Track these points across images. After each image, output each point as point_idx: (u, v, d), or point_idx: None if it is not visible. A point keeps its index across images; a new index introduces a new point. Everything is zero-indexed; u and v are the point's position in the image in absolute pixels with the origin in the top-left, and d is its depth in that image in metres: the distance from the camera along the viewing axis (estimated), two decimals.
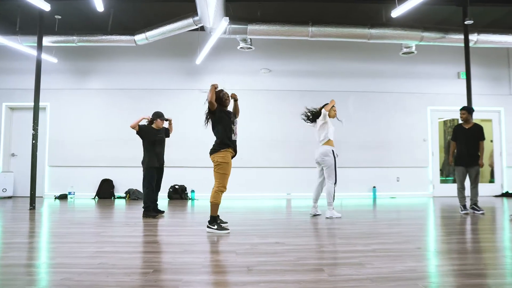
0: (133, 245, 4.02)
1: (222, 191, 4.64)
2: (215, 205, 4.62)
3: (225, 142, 4.64)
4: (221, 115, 4.70)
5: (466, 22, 7.27)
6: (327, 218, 5.91)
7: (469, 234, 4.74)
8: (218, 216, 4.73)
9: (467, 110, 6.53)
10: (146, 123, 6.35)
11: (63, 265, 3.11)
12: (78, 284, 2.60)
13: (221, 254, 3.57)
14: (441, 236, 4.59)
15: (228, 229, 4.64)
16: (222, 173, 4.61)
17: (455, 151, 6.65)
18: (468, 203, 6.55)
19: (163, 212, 6.39)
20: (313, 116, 6.32)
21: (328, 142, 6.06)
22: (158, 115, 6.32)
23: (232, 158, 4.72)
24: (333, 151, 6.04)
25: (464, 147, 6.42)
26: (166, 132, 6.58)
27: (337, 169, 6.06)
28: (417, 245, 3.93)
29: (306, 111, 6.38)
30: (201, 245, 3.98)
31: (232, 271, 3.00)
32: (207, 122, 4.78)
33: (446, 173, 10.73)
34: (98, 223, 5.60)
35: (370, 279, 2.67)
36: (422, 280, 2.68)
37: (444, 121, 10.89)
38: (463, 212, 6.41)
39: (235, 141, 4.77)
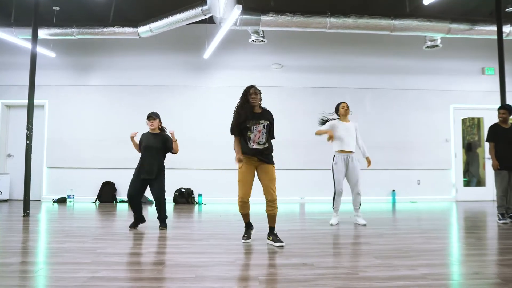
0: (134, 267, 3.39)
1: (238, 201, 4.28)
2: (241, 215, 4.47)
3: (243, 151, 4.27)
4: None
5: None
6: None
7: None
8: (249, 223, 4.55)
9: (508, 109, 5.90)
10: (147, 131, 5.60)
11: None
12: None
13: (241, 282, 2.94)
14: (495, 255, 3.93)
15: (247, 239, 4.44)
16: (238, 181, 4.24)
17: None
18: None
19: (139, 223, 5.50)
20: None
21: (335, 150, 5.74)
22: (147, 116, 5.45)
23: (258, 162, 4.28)
24: (334, 156, 5.71)
25: (506, 149, 5.78)
26: (167, 143, 5.47)
27: (334, 176, 5.72)
28: (472, 269, 3.29)
29: (322, 118, 6.01)
30: (215, 267, 3.34)
31: None
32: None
33: (469, 176, 10.07)
34: (96, 235, 4.98)
35: None
36: None
37: (463, 120, 10.20)
38: (502, 221, 5.76)
39: (256, 148, 4.24)
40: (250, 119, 4.20)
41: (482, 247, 4.32)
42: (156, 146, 5.36)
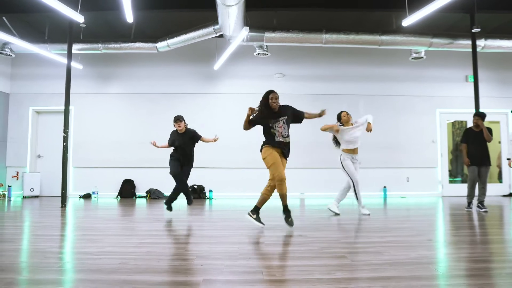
0: (170, 237, 4.45)
1: (277, 182, 4.80)
2: (262, 199, 4.91)
3: (266, 142, 4.99)
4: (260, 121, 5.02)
5: (473, 30, 7.65)
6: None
7: (477, 229, 5.10)
8: (287, 207, 4.95)
9: (481, 116, 6.91)
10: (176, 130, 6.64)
11: (115, 253, 3.54)
12: (136, 267, 3.02)
13: (252, 245, 3.97)
14: (450, 230, 4.97)
15: (263, 223, 4.92)
16: (271, 165, 4.85)
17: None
18: (475, 201, 6.92)
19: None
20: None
21: (343, 149, 6.49)
22: (174, 119, 6.50)
23: (280, 155, 4.96)
24: (341, 155, 6.46)
25: (476, 149, 6.81)
26: (194, 137, 6.58)
27: (347, 169, 6.39)
28: (428, 237, 4.32)
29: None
30: (231, 237, 4.39)
31: (265, 257, 3.41)
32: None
33: (454, 173, 11.07)
34: (130, 219, 6.04)
35: (389, 264, 3.07)
36: (434, 265, 3.07)
37: (453, 123, 11.23)
38: (467, 209, 6.81)
39: (280, 141, 4.97)
40: (271, 119, 4.96)
41: (442, 225, 5.35)
42: (185, 143, 6.47)
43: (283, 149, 4.97)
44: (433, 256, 3.44)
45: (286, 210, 4.93)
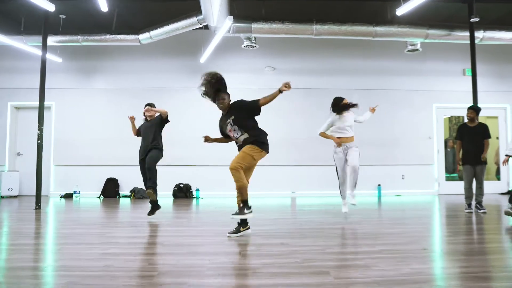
0: (138, 246, 4.03)
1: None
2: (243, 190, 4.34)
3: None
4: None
5: (472, 20, 7.22)
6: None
7: (475, 235, 4.71)
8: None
9: (475, 109, 6.50)
10: (143, 119, 6.26)
11: (68, 268, 3.12)
12: None
13: (226, 256, 3.56)
14: (446, 236, 4.57)
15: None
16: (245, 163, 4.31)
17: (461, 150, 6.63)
18: (473, 201, 6.52)
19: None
20: None
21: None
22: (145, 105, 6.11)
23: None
24: (334, 146, 5.85)
25: (470, 146, 6.39)
26: (160, 119, 6.11)
27: (337, 165, 5.85)
28: (422, 245, 3.92)
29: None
30: (205, 246, 3.97)
31: (237, 274, 3.00)
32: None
33: (450, 170, 10.68)
34: (103, 224, 5.62)
35: (377, 282, 2.66)
36: (428, 284, 2.67)
37: (450, 118, 10.84)
38: (467, 210, 6.39)
39: (238, 146, 4.57)
40: (223, 124, 4.53)
41: (439, 230, 4.95)
42: (150, 128, 6.05)
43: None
44: (427, 272, 3.03)
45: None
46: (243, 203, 4.31)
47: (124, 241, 4.26)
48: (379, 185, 10.00)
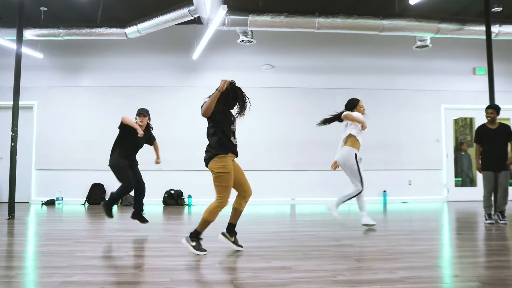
0: (110, 271, 3.34)
1: (223, 207, 3.87)
2: (205, 222, 3.83)
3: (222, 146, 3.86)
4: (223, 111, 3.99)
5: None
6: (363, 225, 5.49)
7: (510, 256, 4.03)
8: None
9: (496, 109, 5.86)
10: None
11: None
12: None
13: (215, 286, 2.88)
14: (477, 257, 3.89)
15: (205, 251, 3.79)
16: (223, 186, 3.88)
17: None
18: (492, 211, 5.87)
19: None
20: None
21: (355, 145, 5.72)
22: (137, 112, 5.46)
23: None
24: (356, 154, 5.63)
25: (492, 150, 5.75)
26: (149, 141, 5.69)
27: (361, 174, 5.61)
28: (452, 271, 3.25)
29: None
30: (192, 271, 3.30)
31: None
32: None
33: (462, 176, 10.04)
34: (78, 238, 4.92)
35: None
36: None
37: (456, 120, 10.19)
38: (488, 221, 5.73)
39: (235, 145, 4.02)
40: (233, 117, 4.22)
41: (465, 248, 4.28)
42: (141, 144, 5.51)
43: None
44: None
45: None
46: (195, 231, 3.85)
47: (94, 263, 3.57)
48: (384, 191, 9.35)
